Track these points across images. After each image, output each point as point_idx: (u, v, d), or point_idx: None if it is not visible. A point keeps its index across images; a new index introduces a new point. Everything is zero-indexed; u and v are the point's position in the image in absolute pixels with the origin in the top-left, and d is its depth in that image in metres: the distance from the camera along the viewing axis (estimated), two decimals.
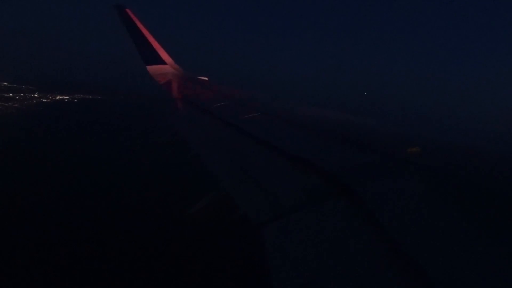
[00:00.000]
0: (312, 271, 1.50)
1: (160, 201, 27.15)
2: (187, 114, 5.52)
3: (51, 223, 24.39)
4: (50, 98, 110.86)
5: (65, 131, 60.88)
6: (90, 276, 18.96)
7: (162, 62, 8.37)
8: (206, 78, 8.15)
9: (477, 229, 1.60)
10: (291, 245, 1.72)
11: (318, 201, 2.07)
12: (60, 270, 19.21)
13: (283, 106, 5.28)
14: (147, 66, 8.23)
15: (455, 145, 3.06)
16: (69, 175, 35.01)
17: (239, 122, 4.07)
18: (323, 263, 1.52)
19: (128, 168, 38.85)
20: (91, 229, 23.71)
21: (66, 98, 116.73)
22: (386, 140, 3.16)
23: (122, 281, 18.64)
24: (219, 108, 4.97)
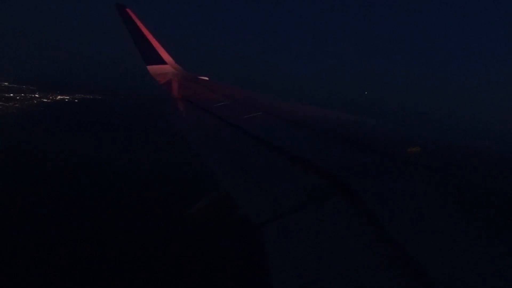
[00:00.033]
0: (312, 271, 1.49)
1: (160, 201, 27.19)
2: (188, 114, 5.51)
3: (51, 223, 24.42)
4: (51, 98, 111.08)
5: (66, 131, 61.00)
6: (90, 276, 18.97)
7: (163, 62, 8.36)
8: (207, 78, 8.14)
9: (478, 229, 1.60)
10: (291, 245, 1.72)
11: (318, 201, 2.07)
12: (60, 270, 19.22)
13: (284, 106, 5.27)
14: (148, 66, 8.22)
15: (456, 145, 3.05)
16: (70, 175, 35.07)
17: (240, 122, 4.06)
18: (323, 263, 1.52)
19: (128, 168, 38.91)
20: (91, 229, 23.74)
21: (67, 98, 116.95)
22: (386, 140, 3.15)
23: (122, 281, 18.65)
24: (220, 108, 4.97)
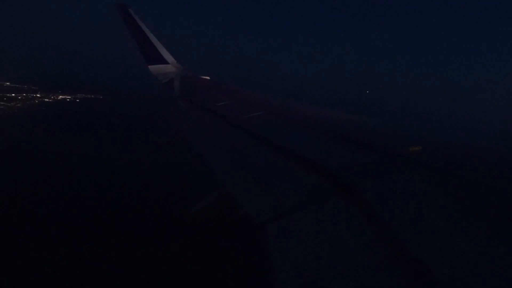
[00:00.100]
0: (313, 271, 1.49)
1: (160, 201, 27.19)
2: (189, 114, 5.51)
3: (51, 223, 24.44)
4: (52, 98, 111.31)
5: (67, 131, 61.10)
6: (90, 276, 18.97)
7: (164, 62, 8.36)
8: (208, 78, 8.15)
9: (479, 229, 1.59)
10: (292, 245, 1.71)
11: (319, 201, 2.06)
12: (60, 270, 19.22)
13: (284, 106, 5.28)
14: (149, 66, 8.23)
15: (456, 144, 3.05)
16: (70, 175, 35.12)
17: (240, 122, 4.06)
18: (324, 263, 1.51)
19: (129, 168, 38.93)
20: (91, 229, 23.74)
21: (68, 98, 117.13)
22: (387, 139, 3.15)
23: (122, 281, 18.65)
24: (221, 108, 4.97)
